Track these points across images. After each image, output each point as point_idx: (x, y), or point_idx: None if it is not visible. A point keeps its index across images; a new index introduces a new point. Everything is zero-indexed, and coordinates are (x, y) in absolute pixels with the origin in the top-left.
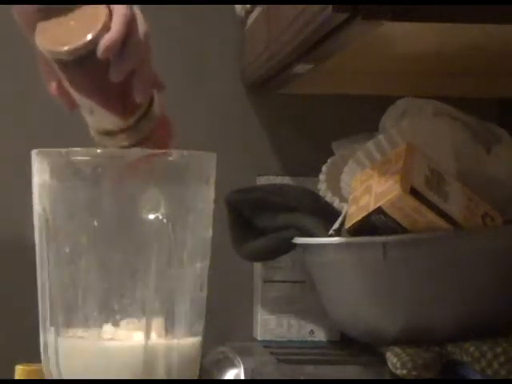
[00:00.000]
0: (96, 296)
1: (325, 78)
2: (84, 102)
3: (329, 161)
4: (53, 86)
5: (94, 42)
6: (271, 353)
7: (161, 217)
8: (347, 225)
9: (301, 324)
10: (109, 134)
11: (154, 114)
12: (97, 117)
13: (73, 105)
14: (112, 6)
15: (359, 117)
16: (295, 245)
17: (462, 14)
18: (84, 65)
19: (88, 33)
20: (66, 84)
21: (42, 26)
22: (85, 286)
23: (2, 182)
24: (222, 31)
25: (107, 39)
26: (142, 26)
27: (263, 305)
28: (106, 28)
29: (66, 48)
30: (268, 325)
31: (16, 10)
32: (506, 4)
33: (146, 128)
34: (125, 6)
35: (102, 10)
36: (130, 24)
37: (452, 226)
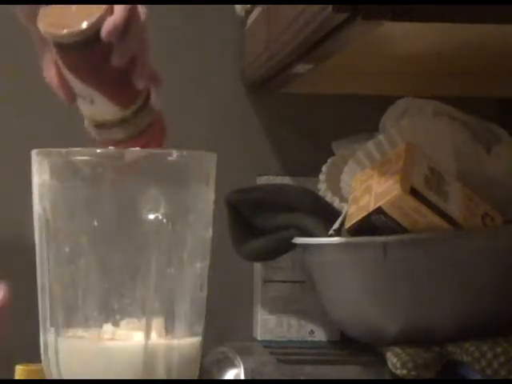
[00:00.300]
0: (96, 296)
1: (325, 78)
2: (84, 91)
3: (329, 161)
4: (52, 74)
5: (96, 25)
6: (271, 353)
7: (161, 217)
8: (347, 225)
9: (301, 324)
10: (106, 125)
11: (151, 107)
12: (96, 106)
13: (72, 97)
14: None
15: (359, 117)
16: (295, 245)
17: (461, 13)
18: (85, 49)
19: (90, 17)
20: (66, 72)
21: (44, 11)
22: (85, 286)
23: (2, 182)
24: (221, 31)
25: (111, 22)
26: (142, 10)
27: (263, 305)
28: (109, 12)
29: (66, 30)
30: (268, 325)
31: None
32: (506, 4)
33: (143, 121)
34: None
35: None
36: (132, 9)
37: (452, 226)
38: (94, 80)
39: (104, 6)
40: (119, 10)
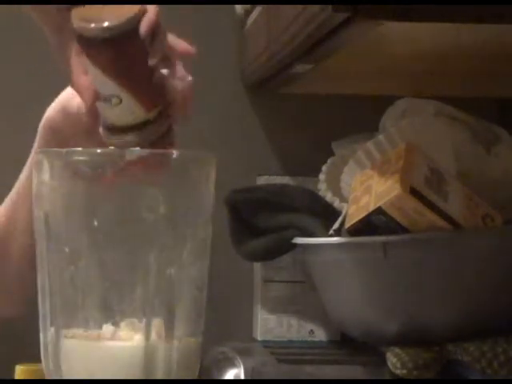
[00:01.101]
0: (96, 296)
1: (325, 77)
2: (112, 90)
3: (329, 161)
4: (79, 75)
5: (128, 23)
6: (271, 353)
7: (161, 217)
8: (347, 225)
9: (301, 324)
10: (124, 130)
11: (168, 120)
12: (121, 107)
13: (95, 97)
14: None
15: (359, 117)
16: (295, 245)
17: (461, 13)
18: (118, 45)
19: (125, 14)
20: (96, 71)
21: (76, 11)
22: (85, 286)
23: (3, 182)
24: (222, 31)
25: (148, 18)
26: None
27: (263, 305)
28: (142, 13)
29: (95, 24)
30: (268, 325)
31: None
32: (505, 4)
33: (159, 129)
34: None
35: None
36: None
37: (452, 226)
38: (124, 78)
39: (137, 7)
40: (153, 8)
